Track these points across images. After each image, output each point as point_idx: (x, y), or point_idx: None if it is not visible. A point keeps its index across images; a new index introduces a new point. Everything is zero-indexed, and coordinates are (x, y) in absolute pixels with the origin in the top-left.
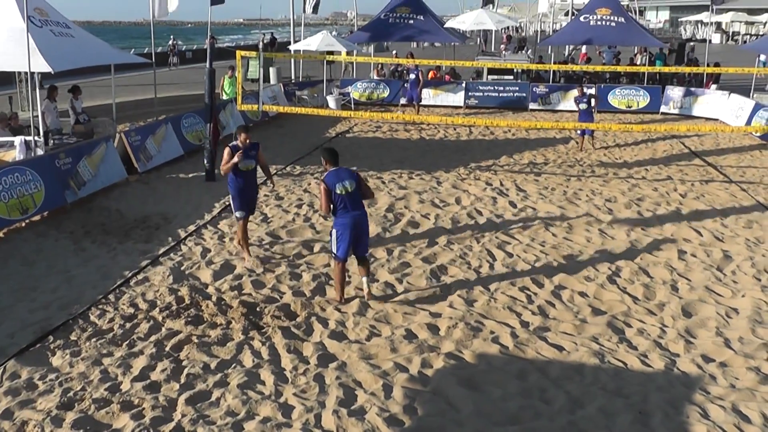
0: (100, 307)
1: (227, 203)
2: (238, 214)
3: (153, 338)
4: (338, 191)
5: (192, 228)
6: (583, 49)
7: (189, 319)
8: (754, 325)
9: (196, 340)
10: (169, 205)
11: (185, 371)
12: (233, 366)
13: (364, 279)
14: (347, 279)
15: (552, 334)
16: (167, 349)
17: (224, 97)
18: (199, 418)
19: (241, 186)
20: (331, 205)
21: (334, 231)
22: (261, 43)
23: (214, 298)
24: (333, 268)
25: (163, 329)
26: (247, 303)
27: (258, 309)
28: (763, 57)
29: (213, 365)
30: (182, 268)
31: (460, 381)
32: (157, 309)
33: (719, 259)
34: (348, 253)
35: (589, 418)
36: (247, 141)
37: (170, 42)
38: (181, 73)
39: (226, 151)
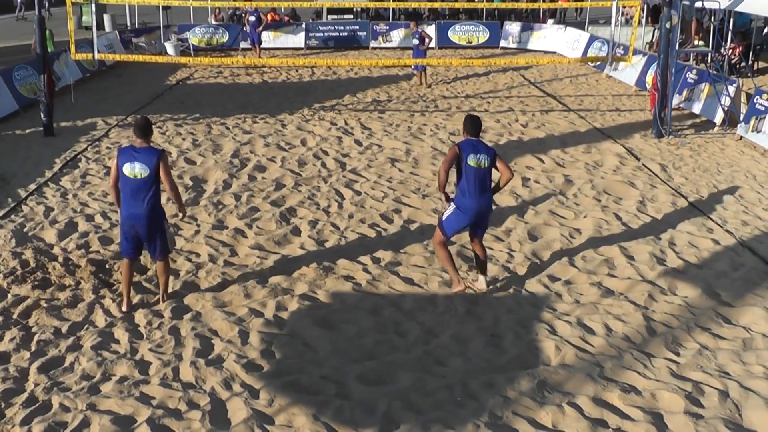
0: None
1: (68, 158)
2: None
3: None
4: (471, 163)
5: (33, 187)
6: None
7: (36, 283)
8: (596, 244)
9: (44, 305)
10: (6, 164)
11: (35, 338)
12: (85, 327)
13: (482, 277)
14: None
15: (403, 268)
16: (15, 316)
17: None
18: (53, 386)
19: (124, 195)
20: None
21: (452, 206)
22: None
23: (60, 259)
24: (435, 247)
25: (9, 296)
26: (95, 261)
27: (107, 266)
28: None
29: (64, 329)
30: (25, 230)
31: (315, 321)
32: (1, 275)
33: (561, 184)
34: (455, 234)
35: (444, 346)
36: (140, 144)
37: None
38: (9, 23)
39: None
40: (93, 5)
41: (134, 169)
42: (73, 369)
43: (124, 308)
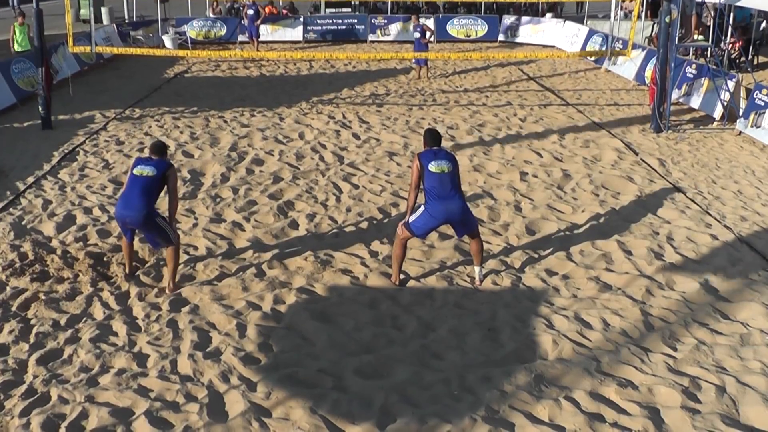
0: None
1: (66, 150)
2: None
3: None
4: (432, 169)
5: (31, 180)
6: None
7: (34, 275)
8: (593, 238)
9: (43, 297)
10: (4, 157)
11: (34, 330)
12: (84, 320)
13: (477, 268)
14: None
15: None
16: (13, 309)
17: (16, 48)
18: (51, 378)
19: (124, 191)
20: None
21: (422, 208)
22: None
23: (59, 252)
24: (396, 240)
25: (8, 288)
26: (93, 254)
27: (105, 259)
28: None
29: (63, 321)
30: (23, 223)
31: (313, 315)
32: (0, 268)
33: (559, 178)
34: (427, 234)
35: (441, 340)
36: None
37: None
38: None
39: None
40: None
41: (144, 169)
42: (72, 361)
43: (127, 271)
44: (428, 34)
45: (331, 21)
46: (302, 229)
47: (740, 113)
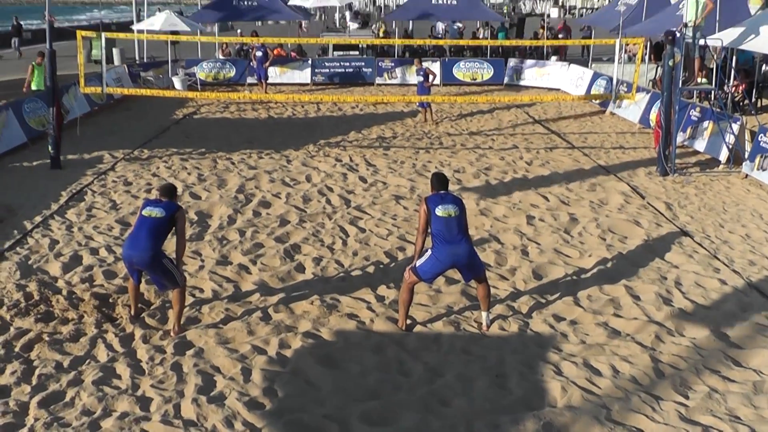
0: None
1: (74, 191)
2: None
3: (1, 339)
4: (439, 213)
5: (38, 219)
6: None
7: (39, 316)
8: (601, 283)
9: (47, 338)
10: (13, 196)
11: (37, 372)
12: (87, 362)
13: (484, 313)
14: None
15: None
16: (16, 349)
17: (33, 87)
18: (53, 421)
19: (132, 232)
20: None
21: (429, 252)
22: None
23: (64, 292)
24: (403, 284)
25: (11, 329)
26: (99, 295)
27: (111, 300)
28: None
29: (66, 363)
30: (30, 262)
31: (318, 359)
32: (4, 307)
33: (566, 222)
34: (435, 278)
35: (448, 386)
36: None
37: (13, 21)
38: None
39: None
40: (103, 39)
41: (152, 211)
42: (74, 404)
43: (132, 312)
44: (431, 77)
45: (338, 64)
46: (308, 273)
47: (746, 156)
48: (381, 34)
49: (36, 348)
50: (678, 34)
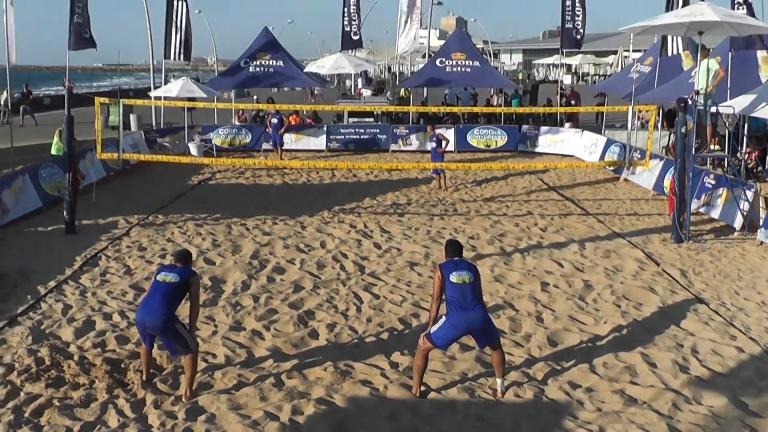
0: None
1: (88, 256)
2: None
3: (11, 404)
4: (454, 280)
5: (52, 284)
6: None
7: (50, 381)
8: (617, 350)
9: (57, 404)
10: (27, 260)
11: None
12: (98, 428)
13: (498, 380)
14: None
15: None
16: (26, 415)
17: (53, 152)
18: None
19: (146, 296)
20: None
21: (443, 319)
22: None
23: (76, 357)
24: (417, 351)
25: (22, 394)
26: (110, 360)
27: (122, 365)
28: None
29: (76, 429)
30: (42, 327)
31: (331, 426)
32: (15, 372)
33: (581, 289)
34: (449, 345)
35: None
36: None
37: (24, 89)
38: (39, 120)
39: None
40: (120, 106)
41: (167, 276)
42: None
43: (144, 378)
44: (444, 143)
45: (353, 130)
46: (322, 339)
47: (761, 223)
48: (402, 95)
49: (46, 413)
50: (690, 102)
